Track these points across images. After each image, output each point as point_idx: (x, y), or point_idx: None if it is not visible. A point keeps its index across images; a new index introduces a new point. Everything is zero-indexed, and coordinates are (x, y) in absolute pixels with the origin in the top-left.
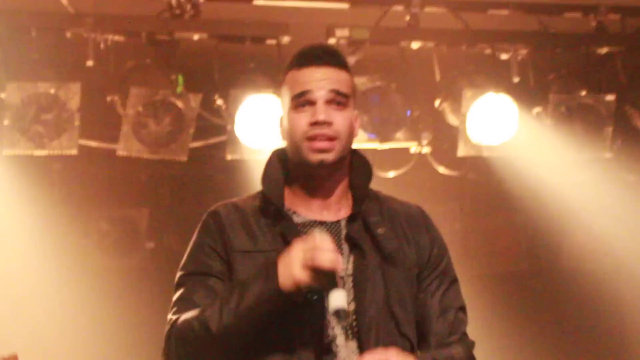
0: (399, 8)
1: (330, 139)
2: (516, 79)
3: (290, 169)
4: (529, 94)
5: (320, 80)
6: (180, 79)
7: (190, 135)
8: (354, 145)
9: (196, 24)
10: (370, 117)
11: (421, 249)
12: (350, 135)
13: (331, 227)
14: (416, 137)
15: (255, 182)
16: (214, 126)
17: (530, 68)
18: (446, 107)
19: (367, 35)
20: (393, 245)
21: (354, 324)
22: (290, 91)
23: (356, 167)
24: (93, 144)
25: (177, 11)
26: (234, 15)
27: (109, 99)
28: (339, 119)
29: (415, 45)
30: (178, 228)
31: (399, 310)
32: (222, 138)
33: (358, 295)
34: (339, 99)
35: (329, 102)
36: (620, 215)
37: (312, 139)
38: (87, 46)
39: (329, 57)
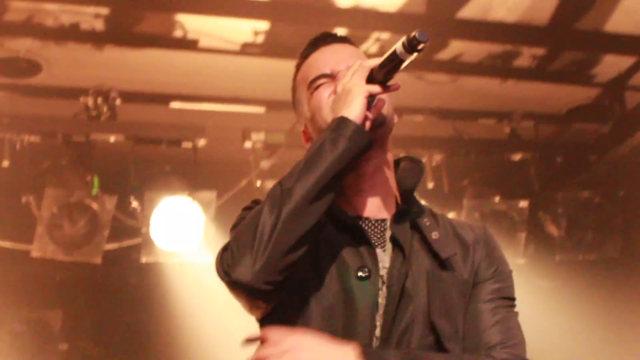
0: None
1: None
2: (430, 185)
3: None
4: (443, 199)
5: (336, 55)
6: (96, 180)
7: (105, 237)
8: None
9: (112, 125)
10: None
11: (479, 262)
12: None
13: (375, 225)
14: None
15: (169, 285)
16: (129, 228)
17: (445, 173)
18: None
19: (282, 139)
20: (448, 251)
21: (379, 338)
22: (306, 79)
23: (403, 168)
24: (7, 244)
25: (94, 113)
26: (151, 117)
27: (23, 199)
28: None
29: None
30: (92, 330)
31: (443, 323)
32: (137, 240)
33: (390, 304)
34: None
35: None
36: (533, 321)
37: None
38: (2, 146)
39: (334, 37)
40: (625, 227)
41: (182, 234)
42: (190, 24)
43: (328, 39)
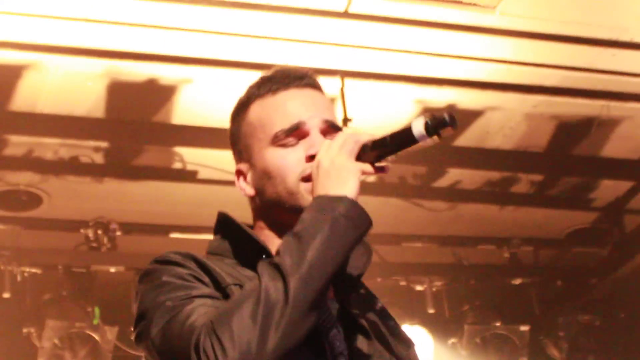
0: None
1: None
2: (431, 310)
3: (265, 220)
4: (444, 324)
5: (311, 106)
6: (97, 311)
7: None
8: None
9: (113, 256)
10: None
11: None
12: None
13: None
14: None
15: None
16: (131, 358)
17: (445, 299)
18: None
19: None
20: (391, 322)
21: None
22: (267, 125)
23: None
24: None
25: (94, 244)
26: (151, 248)
27: (25, 330)
28: None
29: None
30: None
31: None
32: None
33: None
34: (334, 133)
35: (323, 133)
36: None
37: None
38: (3, 278)
39: (309, 78)
40: (627, 350)
41: None
42: (189, 155)
43: (302, 80)
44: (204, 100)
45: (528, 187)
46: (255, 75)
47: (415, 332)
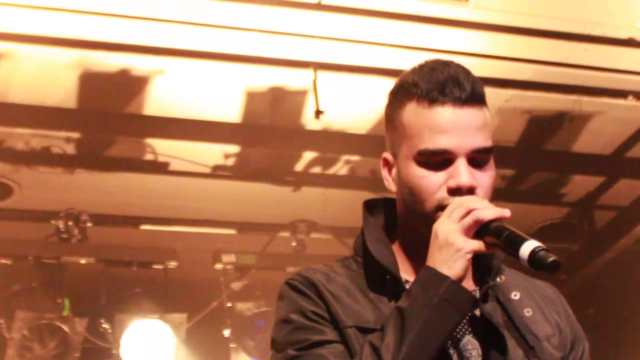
0: (285, 234)
1: None
2: None
3: (401, 227)
4: None
5: (463, 132)
6: (67, 302)
7: (75, 359)
8: None
9: (83, 248)
10: (256, 342)
11: (563, 334)
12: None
13: None
14: None
15: None
16: (100, 350)
17: None
18: None
19: (253, 260)
20: (545, 331)
21: None
22: (416, 137)
23: None
24: None
25: (65, 235)
26: (121, 240)
27: None
28: (484, 182)
29: None
30: None
31: None
32: None
33: None
34: (482, 158)
35: (470, 160)
36: None
37: None
38: None
39: (471, 92)
40: (596, 346)
41: (153, 356)
42: (161, 147)
43: (461, 95)
44: (176, 92)
45: (499, 181)
46: (230, 68)
47: None
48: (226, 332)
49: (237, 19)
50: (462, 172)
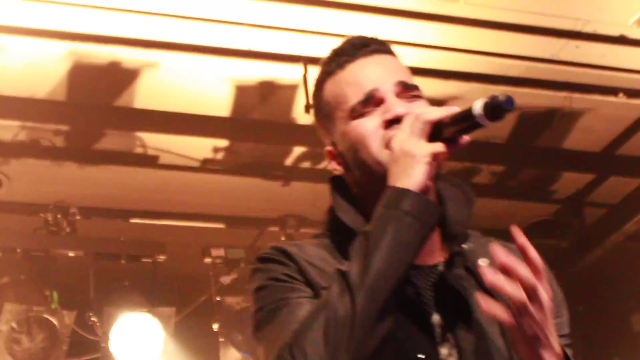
0: (274, 229)
1: None
2: None
3: (359, 201)
4: None
5: (381, 72)
6: (55, 295)
7: (63, 352)
8: None
9: (72, 240)
10: (244, 337)
11: None
12: None
13: (427, 275)
14: None
15: None
16: (88, 343)
17: None
18: None
19: (243, 255)
20: None
21: None
22: (343, 102)
23: (447, 193)
24: None
25: (54, 228)
26: (110, 233)
27: None
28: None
29: None
30: None
31: None
32: (96, 355)
33: None
34: (410, 92)
35: (398, 95)
36: None
37: None
38: None
39: (376, 44)
40: (586, 343)
41: (141, 349)
42: (151, 140)
43: (367, 47)
44: (166, 85)
45: (489, 178)
46: (221, 61)
47: None
48: (215, 326)
49: (227, 12)
50: (393, 102)
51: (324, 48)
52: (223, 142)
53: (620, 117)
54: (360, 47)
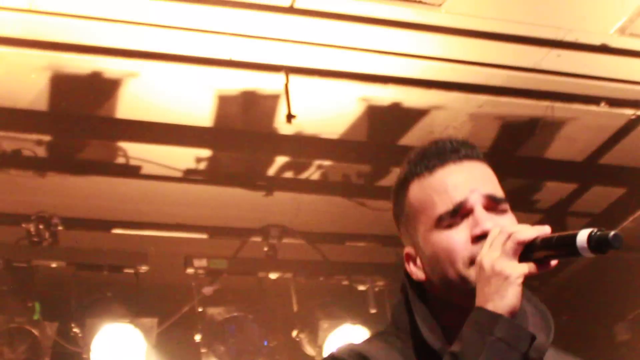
0: (257, 239)
1: None
2: (373, 310)
3: (436, 311)
4: (386, 325)
5: (471, 181)
6: (37, 306)
7: None
8: None
9: (54, 251)
10: (226, 347)
11: None
12: None
13: None
14: None
15: None
16: (70, 354)
17: (388, 299)
18: (303, 338)
19: (225, 265)
20: None
21: None
22: (429, 208)
23: (524, 310)
24: None
25: (36, 239)
26: (93, 243)
27: None
28: (507, 225)
29: (273, 275)
30: None
31: None
32: None
33: None
34: (497, 206)
35: (486, 208)
36: None
37: None
38: None
39: (465, 149)
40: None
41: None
42: (133, 151)
43: (458, 153)
44: (148, 95)
45: None
46: (203, 71)
47: (356, 332)
48: (197, 337)
49: (209, 22)
50: (482, 217)
51: (305, 57)
52: (205, 152)
53: (603, 126)
54: (450, 152)
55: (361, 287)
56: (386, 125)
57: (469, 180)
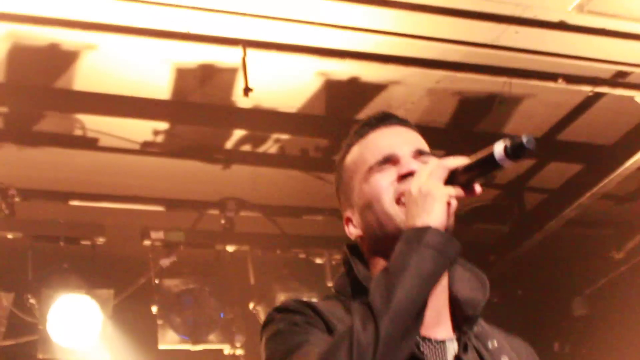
0: (214, 212)
1: None
2: (330, 284)
3: (372, 267)
4: None
5: (400, 139)
6: None
7: (1, 333)
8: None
9: (11, 222)
10: (183, 319)
11: None
12: None
13: (436, 349)
14: (230, 340)
15: None
16: (26, 325)
17: None
18: (260, 311)
19: (182, 237)
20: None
21: None
22: (362, 164)
23: (460, 275)
24: None
25: None
26: (49, 215)
27: None
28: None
29: (230, 248)
30: None
31: None
32: (34, 337)
33: None
34: (424, 158)
35: (415, 158)
36: None
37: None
38: None
39: (395, 118)
40: (525, 327)
41: (80, 331)
42: (90, 122)
43: (388, 119)
44: (106, 67)
45: None
46: (160, 44)
47: None
48: (154, 309)
49: None
50: (410, 160)
51: (263, 31)
52: (163, 125)
53: (560, 103)
54: (382, 120)
55: (318, 260)
56: (344, 99)
57: (399, 138)
